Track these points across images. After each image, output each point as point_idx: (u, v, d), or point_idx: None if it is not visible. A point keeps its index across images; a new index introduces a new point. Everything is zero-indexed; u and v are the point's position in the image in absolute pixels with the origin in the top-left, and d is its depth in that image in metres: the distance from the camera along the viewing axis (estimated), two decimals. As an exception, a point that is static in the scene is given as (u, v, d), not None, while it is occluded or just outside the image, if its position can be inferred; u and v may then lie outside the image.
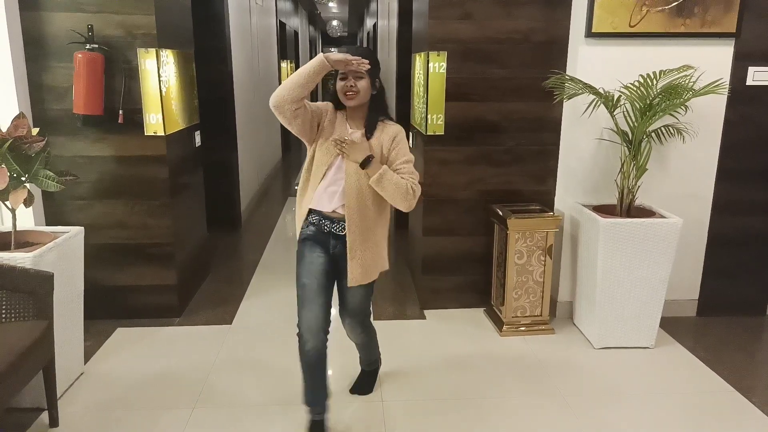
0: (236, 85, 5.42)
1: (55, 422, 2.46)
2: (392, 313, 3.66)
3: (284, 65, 9.73)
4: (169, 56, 3.33)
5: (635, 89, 2.97)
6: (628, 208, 3.12)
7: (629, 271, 3.05)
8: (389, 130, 2.27)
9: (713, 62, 3.20)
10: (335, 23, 18.53)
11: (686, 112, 3.12)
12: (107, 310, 3.40)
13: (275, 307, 3.74)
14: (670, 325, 3.40)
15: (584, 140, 3.34)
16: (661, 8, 3.13)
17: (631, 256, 3.02)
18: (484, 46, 3.31)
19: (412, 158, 2.28)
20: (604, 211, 3.16)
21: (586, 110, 3.15)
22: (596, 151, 3.34)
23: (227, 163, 5.37)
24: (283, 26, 9.56)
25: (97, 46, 3.06)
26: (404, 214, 4.52)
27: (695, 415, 2.64)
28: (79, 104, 3.02)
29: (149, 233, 3.38)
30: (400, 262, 4.60)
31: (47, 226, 3.17)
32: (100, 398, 2.70)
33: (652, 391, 2.81)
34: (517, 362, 3.06)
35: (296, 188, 2.41)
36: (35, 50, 3.10)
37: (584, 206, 3.25)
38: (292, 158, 9.96)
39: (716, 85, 2.95)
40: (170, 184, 3.35)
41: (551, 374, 2.94)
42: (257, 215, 6.17)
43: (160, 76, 3.18)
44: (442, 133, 3.39)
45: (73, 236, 2.71)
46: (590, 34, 3.16)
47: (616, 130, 3.09)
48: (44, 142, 2.53)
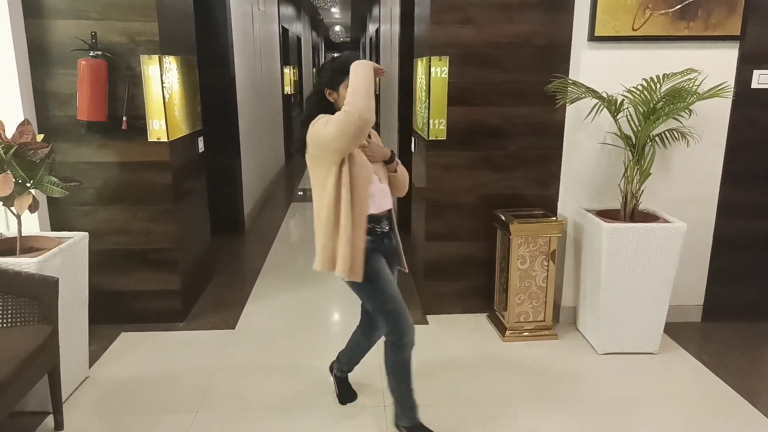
0: (239, 90, 5.44)
1: (60, 426, 2.47)
2: (395, 317, 3.65)
3: (287, 71, 9.76)
4: (172, 63, 3.34)
5: (638, 93, 2.97)
6: (631, 212, 3.11)
7: (633, 276, 3.04)
8: None
9: (717, 65, 3.19)
10: (338, 29, 18.59)
11: (690, 115, 3.11)
12: (111, 314, 3.41)
13: (278, 311, 3.74)
14: (674, 330, 3.38)
15: (587, 144, 3.34)
16: (664, 11, 3.13)
17: (634, 260, 3.01)
18: (485, 50, 3.31)
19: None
20: (607, 215, 3.15)
21: (588, 114, 3.15)
22: (599, 155, 3.34)
23: (230, 168, 5.38)
24: (285, 32, 9.60)
25: (100, 53, 3.08)
26: (407, 220, 4.54)
27: (700, 421, 2.63)
28: (82, 111, 3.04)
29: (153, 238, 3.39)
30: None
31: (52, 231, 3.19)
32: (104, 402, 2.71)
33: (656, 397, 2.79)
34: (520, 368, 3.05)
35: (299, 194, 2.41)
36: (39, 57, 3.12)
37: (587, 211, 3.25)
38: (295, 163, 9.97)
39: (721, 88, 2.94)
40: (173, 189, 3.36)
41: (554, 380, 2.93)
42: (260, 220, 6.18)
43: (163, 82, 3.20)
44: (444, 137, 3.39)
45: (77, 241, 2.72)
46: (593, 37, 3.16)
47: (619, 134, 3.09)
48: (49, 148, 2.54)
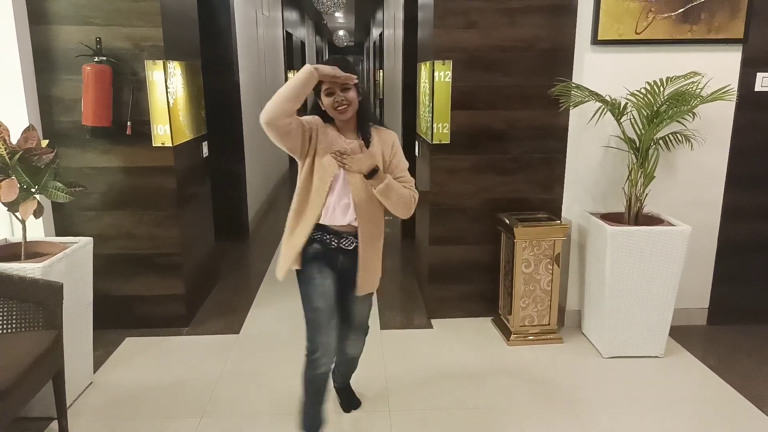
0: (243, 95, 5.45)
1: (64, 431, 2.46)
2: (399, 322, 3.65)
3: (291, 75, 9.75)
4: (176, 68, 3.36)
5: (642, 96, 2.97)
6: (636, 215, 3.10)
7: (638, 279, 3.03)
8: (385, 136, 2.23)
9: (721, 68, 3.19)
10: (341, 33, 18.63)
11: (694, 119, 3.11)
12: (116, 320, 3.42)
13: (283, 316, 3.74)
14: (679, 333, 3.37)
15: (591, 148, 3.33)
16: (667, 15, 3.13)
17: (639, 264, 3.00)
18: (489, 54, 3.31)
19: (407, 164, 2.25)
20: (611, 219, 3.14)
21: (592, 118, 3.14)
22: (603, 158, 3.33)
23: (235, 173, 5.39)
24: (289, 36, 9.62)
25: (105, 58, 3.09)
26: (411, 223, 4.53)
27: (705, 424, 2.61)
28: (87, 116, 3.05)
29: (157, 243, 3.40)
30: (407, 271, 4.60)
31: (57, 236, 3.20)
32: (108, 407, 2.71)
33: (661, 400, 2.78)
34: (525, 372, 3.04)
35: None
36: (44, 63, 3.14)
37: (592, 214, 3.24)
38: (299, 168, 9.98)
39: (724, 91, 2.93)
40: (178, 194, 3.37)
41: (559, 384, 2.92)
42: (264, 225, 6.19)
43: (167, 87, 3.21)
44: (447, 141, 3.39)
45: (82, 247, 2.73)
46: (596, 41, 3.16)
47: (623, 137, 3.08)
48: (53, 153, 2.55)
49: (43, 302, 2.37)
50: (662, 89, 2.94)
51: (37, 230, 3.02)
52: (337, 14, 14.13)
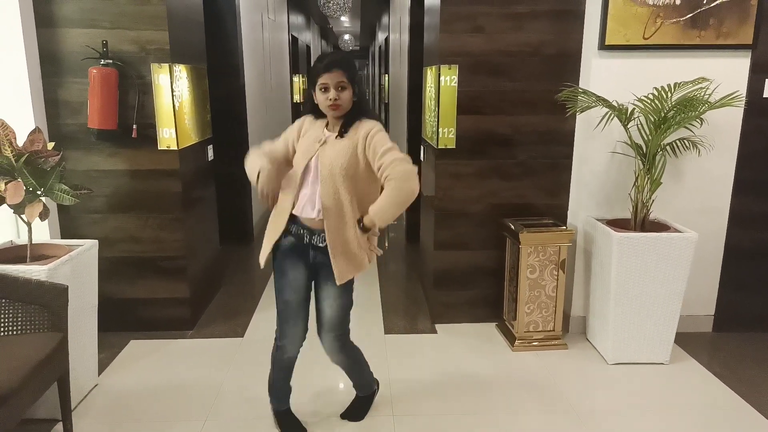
0: (248, 99, 5.46)
1: (68, 434, 2.47)
2: (403, 327, 3.64)
3: (296, 79, 9.79)
4: (182, 71, 3.36)
5: (649, 102, 2.95)
6: (642, 222, 3.08)
7: (643, 285, 3.01)
8: (364, 126, 2.20)
9: (729, 74, 3.17)
10: (347, 37, 18.65)
11: (702, 124, 3.09)
12: (120, 322, 3.42)
13: (287, 320, 3.73)
14: (685, 340, 3.35)
15: (597, 153, 3.32)
16: (675, 20, 3.12)
17: (645, 270, 2.99)
18: (495, 59, 3.31)
19: (390, 145, 2.13)
20: (617, 225, 3.13)
21: (599, 123, 3.13)
22: (610, 164, 3.32)
23: (240, 176, 5.32)
24: (295, 40, 9.64)
25: (111, 61, 3.10)
26: (416, 228, 4.53)
27: (711, 431, 2.60)
28: (93, 119, 3.06)
29: (162, 246, 3.40)
30: (411, 276, 4.59)
31: (62, 239, 3.21)
32: (113, 410, 2.71)
33: (666, 407, 2.76)
34: (529, 378, 3.03)
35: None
36: (51, 66, 3.15)
37: (598, 220, 3.23)
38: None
39: (732, 97, 2.92)
40: (183, 197, 3.37)
41: (564, 390, 2.90)
42: (269, 228, 6.18)
43: (173, 90, 3.21)
44: (453, 146, 3.38)
45: (87, 249, 2.74)
46: (603, 46, 3.15)
47: (629, 143, 3.07)
48: (59, 156, 2.56)
49: (48, 304, 2.37)
50: (670, 95, 2.93)
51: (42, 233, 3.02)
52: (342, 18, 14.15)
